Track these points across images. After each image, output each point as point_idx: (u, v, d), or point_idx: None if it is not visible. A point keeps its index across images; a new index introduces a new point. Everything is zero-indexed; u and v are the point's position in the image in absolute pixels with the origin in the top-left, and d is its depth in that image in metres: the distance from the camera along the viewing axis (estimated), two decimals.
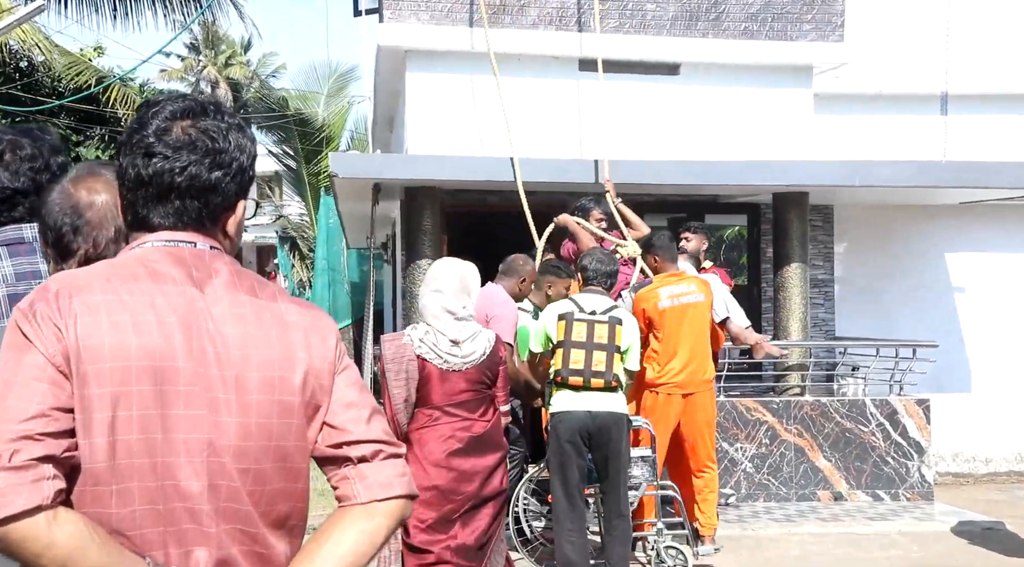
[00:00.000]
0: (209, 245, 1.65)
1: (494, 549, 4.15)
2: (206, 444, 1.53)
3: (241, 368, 1.57)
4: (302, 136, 21.65)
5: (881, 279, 10.58)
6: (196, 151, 1.61)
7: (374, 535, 1.61)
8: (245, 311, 1.61)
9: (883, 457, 8.30)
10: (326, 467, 1.68)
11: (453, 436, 4.08)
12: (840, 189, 9.03)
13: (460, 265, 4.30)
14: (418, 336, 4.13)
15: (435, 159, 8.22)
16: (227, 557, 1.54)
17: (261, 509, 1.58)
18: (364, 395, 1.70)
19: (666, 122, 9.22)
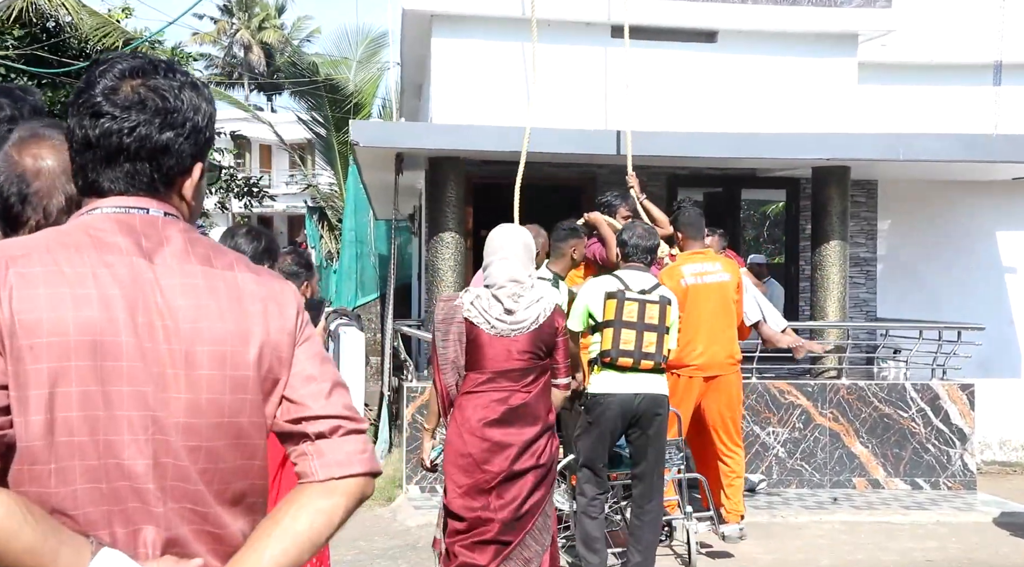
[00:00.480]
0: (163, 211, 1.59)
1: (536, 524, 4.14)
2: (150, 421, 1.49)
3: (191, 342, 1.52)
4: (332, 103, 21.63)
5: (926, 258, 10.37)
6: (145, 110, 1.56)
7: (331, 514, 1.57)
8: (197, 282, 1.56)
9: (923, 444, 8.17)
10: (286, 443, 1.64)
11: (489, 406, 4.11)
12: (884, 163, 8.83)
13: (522, 232, 4.35)
14: (469, 299, 4.20)
15: (458, 128, 8.15)
16: (176, 536, 1.51)
17: (215, 488, 1.54)
18: (326, 368, 1.65)
19: (702, 92, 9.06)
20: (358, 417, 1.65)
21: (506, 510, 4.07)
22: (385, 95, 23.16)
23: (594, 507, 5.33)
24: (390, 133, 8.56)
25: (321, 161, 25.85)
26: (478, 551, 4.09)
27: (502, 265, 4.20)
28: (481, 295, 4.20)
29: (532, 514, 4.12)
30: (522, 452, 4.10)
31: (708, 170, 9.59)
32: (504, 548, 4.08)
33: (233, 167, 26.76)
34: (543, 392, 4.21)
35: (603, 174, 9.34)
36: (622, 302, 5.34)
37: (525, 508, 4.10)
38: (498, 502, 4.08)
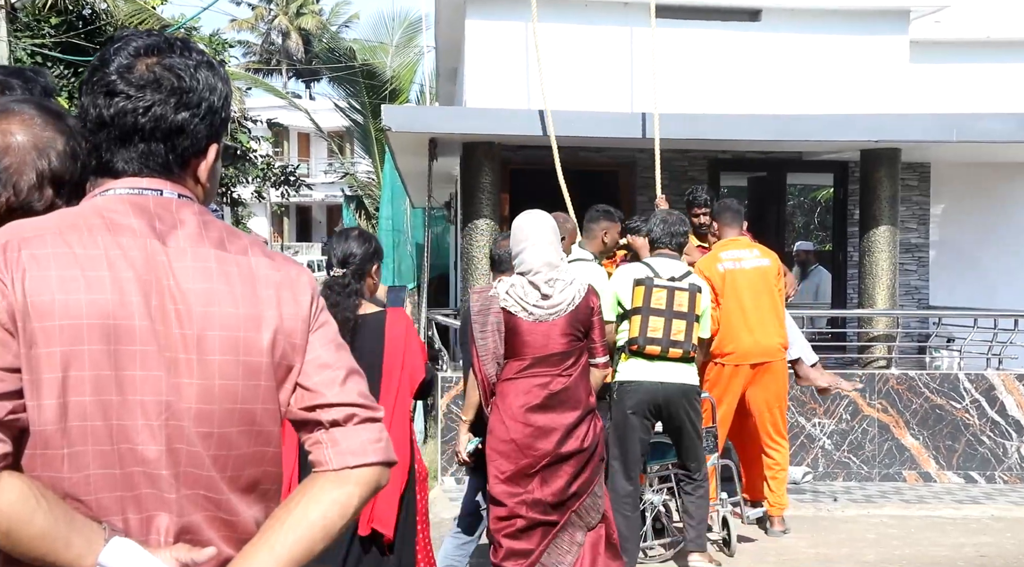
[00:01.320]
0: (177, 193, 1.61)
1: (585, 505, 4.23)
2: (164, 406, 1.51)
3: (203, 327, 1.54)
4: (369, 89, 21.75)
5: (982, 243, 10.20)
6: (161, 90, 1.57)
7: (345, 504, 1.58)
8: (210, 265, 1.57)
9: (977, 436, 8.05)
10: (300, 431, 1.65)
11: (531, 391, 4.22)
12: (936, 145, 8.70)
13: (547, 216, 4.43)
14: (504, 289, 4.30)
15: (492, 112, 8.16)
16: (189, 523, 1.53)
17: (228, 474, 1.56)
18: (341, 355, 1.66)
19: (745, 73, 8.98)
20: (374, 405, 1.65)
21: (551, 494, 4.17)
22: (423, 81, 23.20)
23: (626, 504, 5.30)
24: (423, 118, 8.59)
25: (359, 149, 25.99)
26: (524, 538, 4.19)
27: (535, 251, 4.28)
28: (516, 283, 4.29)
29: (578, 496, 4.21)
30: (566, 436, 4.20)
31: (752, 154, 9.51)
32: (551, 529, 4.19)
33: (270, 156, 26.99)
34: (583, 375, 4.29)
35: (642, 159, 9.29)
36: (650, 289, 5.35)
37: (570, 491, 4.19)
38: (543, 486, 4.18)
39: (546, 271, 4.27)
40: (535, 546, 4.19)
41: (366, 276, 3.93)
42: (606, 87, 8.70)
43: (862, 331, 9.05)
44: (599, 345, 4.37)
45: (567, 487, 4.19)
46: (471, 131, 8.10)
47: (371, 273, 3.96)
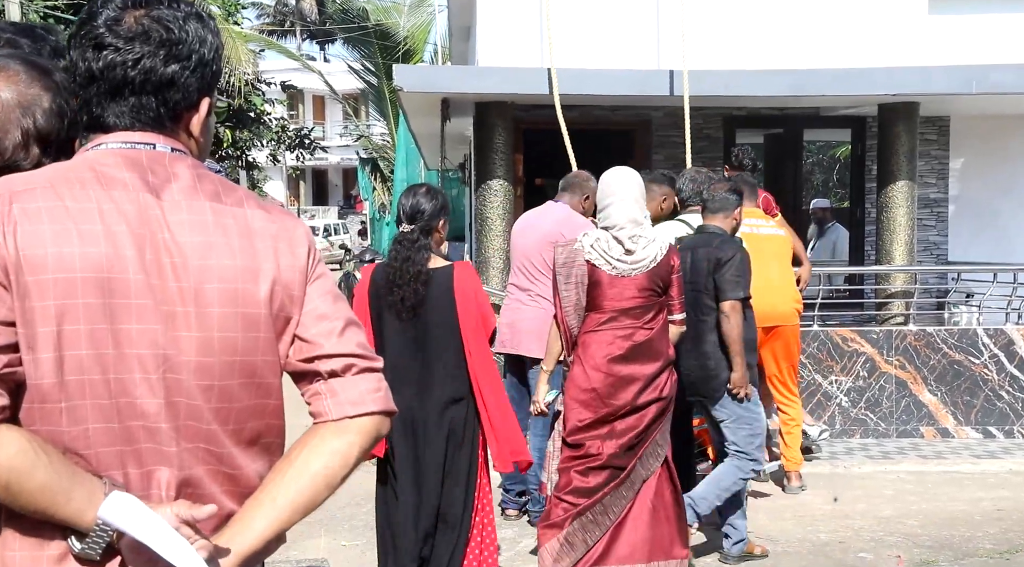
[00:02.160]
0: (170, 147, 1.60)
1: (647, 451, 4.39)
2: (162, 360, 1.51)
3: (200, 279, 1.54)
4: (383, 50, 21.65)
5: (1002, 198, 10.08)
6: (150, 42, 1.56)
7: (346, 454, 1.59)
8: (205, 218, 1.57)
9: (996, 391, 8.01)
10: (299, 383, 1.66)
11: (614, 342, 4.37)
12: (955, 98, 8.58)
13: (636, 175, 4.58)
14: (589, 242, 4.43)
15: (505, 71, 8.10)
16: (190, 477, 1.54)
17: (230, 427, 1.57)
18: (338, 305, 1.66)
19: (759, 26, 8.86)
20: (372, 355, 1.66)
21: (624, 438, 4.35)
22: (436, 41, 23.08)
23: None
24: (435, 77, 8.54)
25: (374, 111, 25.92)
26: (592, 475, 4.36)
27: (621, 207, 4.42)
28: (600, 237, 4.44)
29: (644, 442, 4.38)
30: (646, 386, 4.36)
31: (767, 110, 9.40)
32: (619, 472, 4.35)
33: (285, 119, 26.95)
34: (664, 328, 4.45)
35: (658, 117, 9.22)
36: None
37: (640, 436, 4.37)
38: (620, 430, 4.36)
39: (630, 228, 4.40)
40: (599, 486, 4.36)
41: (434, 231, 4.08)
42: (620, 44, 8.60)
43: (880, 288, 8.99)
44: (677, 302, 4.50)
45: (640, 433, 4.36)
46: (484, 90, 8.04)
47: (438, 228, 4.11)
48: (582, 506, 4.36)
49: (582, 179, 5.91)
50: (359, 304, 4.16)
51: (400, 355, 4.02)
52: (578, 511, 4.36)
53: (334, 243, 35.06)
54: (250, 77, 17.44)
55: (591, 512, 4.36)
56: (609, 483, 4.36)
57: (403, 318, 4.03)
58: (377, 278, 4.12)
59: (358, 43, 22.66)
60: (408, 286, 3.99)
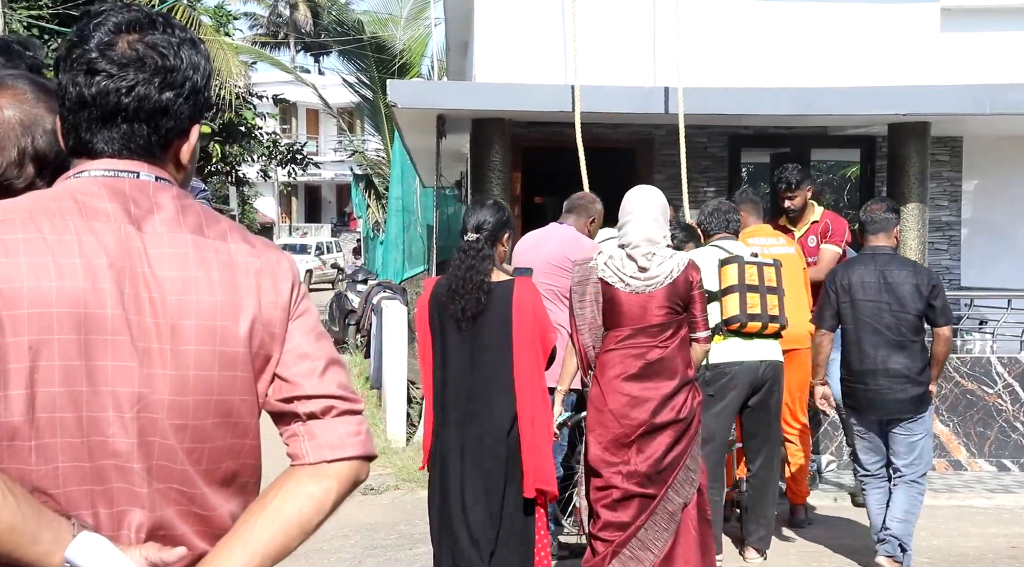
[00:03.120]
0: (155, 176, 1.61)
1: (679, 477, 4.46)
2: (136, 398, 1.51)
3: (177, 315, 1.54)
4: (379, 64, 21.74)
5: (1017, 221, 10.10)
6: (144, 69, 1.57)
7: (322, 499, 1.59)
8: (186, 252, 1.57)
9: (1011, 422, 8.00)
10: (278, 423, 1.65)
11: (628, 361, 4.48)
12: (968, 118, 8.62)
13: (658, 194, 4.72)
14: (603, 260, 4.59)
15: (502, 87, 8.14)
16: (162, 518, 1.53)
17: (203, 467, 1.57)
18: (321, 344, 1.67)
19: (766, 44, 8.90)
20: (354, 397, 1.66)
21: (646, 463, 4.41)
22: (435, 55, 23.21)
23: (715, 492, 5.33)
24: (430, 93, 8.57)
25: (369, 126, 26.01)
26: (621, 509, 4.44)
27: (638, 225, 4.55)
28: (614, 255, 4.58)
29: (673, 468, 4.44)
30: (661, 406, 4.44)
31: (774, 129, 9.44)
32: (649, 502, 4.41)
33: (277, 133, 27.03)
34: (680, 347, 4.53)
35: (660, 136, 9.26)
36: (742, 266, 5.50)
37: (665, 462, 4.43)
38: (639, 456, 4.43)
39: (645, 246, 4.52)
40: (632, 519, 4.41)
41: (497, 243, 4.25)
42: (620, 60, 8.64)
43: None
44: (700, 319, 4.59)
45: (662, 458, 4.42)
46: (481, 107, 8.08)
47: (502, 240, 4.29)
48: (617, 542, 4.41)
49: (588, 201, 5.97)
50: (420, 316, 4.33)
51: (457, 369, 4.19)
52: (615, 548, 4.41)
53: (327, 262, 35.09)
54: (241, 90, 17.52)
55: (629, 548, 4.40)
56: (640, 514, 4.41)
57: (462, 329, 4.16)
58: (439, 290, 4.25)
59: (353, 56, 22.74)
60: (470, 295, 4.11)
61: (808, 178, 7.00)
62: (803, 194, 6.91)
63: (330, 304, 17.37)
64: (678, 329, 4.53)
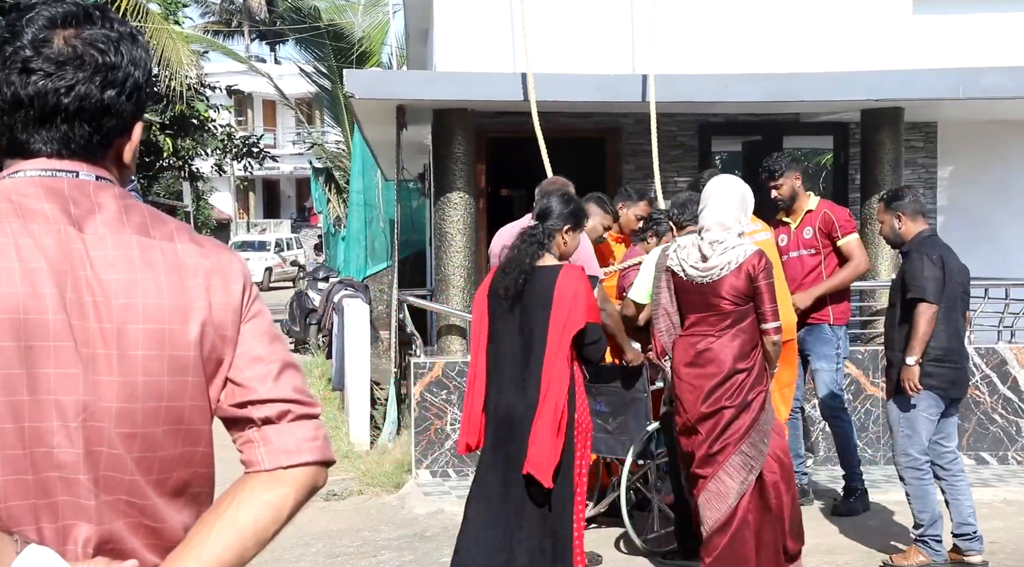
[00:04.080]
0: (95, 175, 1.60)
1: (734, 462, 4.73)
2: (81, 406, 1.51)
3: (123, 320, 1.53)
4: (337, 52, 21.64)
5: (993, 208, 10.24)
6: (84, 67, 1.56)
7: (278, 507, 1.59)
8: (132, 253, 1.56)
9: (988, 414, 8.12)
10: (231, 429, 1.65)
11: (688, 349, 4.83)
12: (942, 103, 8.72)
13: (738, 181, 5.01)
14: (673, 248, 4.94)
15: (464, 76, 8.14)
16: (111, 532, 1.53)
17: (153, 477, 1.56)
18: (275, 347, 1.67)
19: (736, 29, 8.96)
20: (310, 401, 1.66)
21: (702, 448, 4.76)
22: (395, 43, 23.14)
23: None
24: (389, 83, 8.55)
25: (328, 117, 25.89)
26: (691, 485, 4.91)
27: (713, 209, 4.83)
28: (683, 244, 4.90)
29: (725, 451, 4.73)
30: (709, 394, 4.74)
31: (745, 117, 9.51)
32: (705, 482, 4.77)
33: (232, 126, 26.85)
34: (734, 337, 4.76)
35: (628, 125, 9.29)
36: None
37: (715, 447, 4.73)
38: (697, 439, 4.80)
39: (716, 230, 4.77)
40: (697, 495, 4.83)
41: (556, 233, 4.61)
42: (588, 47, 8.67)
43: (864, 305, 9.09)
44: (767, 311, 4.77)
45: (714, 441, 4.73)
46: (442, 97, 8.07)
47: (562, 232, 4.64)
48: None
49: (559, 185, 5.93)
50: (479, 297, 4.75)
51: (503, 350, 4.54)
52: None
53: (287, 259, 34.92)
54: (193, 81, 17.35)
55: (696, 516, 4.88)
56: (699, 492, 4.80)
57: (507, 308, 4.52)
58: (496, 270, 4.67)
59: (310, 44, 22.62)
60: (511, 276, 4.50)
61: (793, 165, 6.95)
62: (789, 182, 6.84)
63: (290, 303, 17.30)
64: (738, 320, 4.76)
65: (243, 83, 25.37)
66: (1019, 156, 10.31)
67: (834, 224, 6.92)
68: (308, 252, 35.37)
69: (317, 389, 11.50)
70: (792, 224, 6.98)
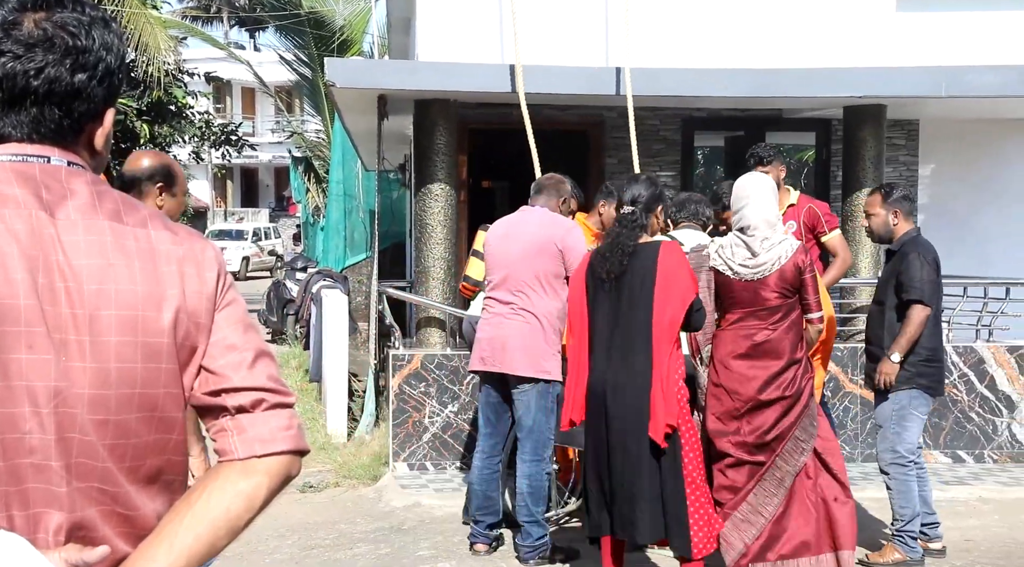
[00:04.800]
0: (67, 161, 1.60)
1: (788, 447, 5.00)
2: (53, 392, 1.51)
3: (95, 306, 1.53)
4: (318, 40, 21.57)
5: (975, 207, 10.31)
6: (54, 50, 1.56)
7: (252, 496, 1.58)
8: (104, 239, 1.57)
9: (966, 413, 8.19)
10: (204, 418, 1.66)
11: (737, 342, 5.04)
12: (925, 101, 8.77)
13: (767, 178, 5.29)
14: (714, 249, 5.14)
15: (447, 66, 8.13)
16: (83, 519, 1.53)
17: (126, 464, 1.56)
18: (249, 335, 1.67)
19: (720, 24, 8.99)
20: (284, 390, 1.66)
21: (753, 435, 4.98)
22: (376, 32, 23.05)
23: None
24: (370, 72, 8.53)
25: (308, 106, 25.79)
26: (732, 474, 5.03)
27: (756, 208, 5.03)
28: (725, 244, 5.10)
29: (780, 439, 4.99)
30: (767, 384, 4.97)
31: (728, 112, 9.53)
32: (758, 469, 5.00)
33: (210, 113, 26.71)
34: (789, 329, 5.01)
35: (611, 118, 9.30)
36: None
37: (772, 434, 4.98)
38: (747, 427, 5.00)
39: (764, 228, 4.99)
40: (742, 484, 5.00)
41: (651, 214, 4.90)
42: (570, 39, 8.68)
43: (844, 302, 9.15)
44: (812, 302, 5.02)
45: (768, 430, 4.97)
46: (424, 87, 8.06)
47: (656, 213, 4.94)
48: (729, 504, 4.99)
49: (557, 181, 5.99)
50: (576, 279, 4.99)
51: (603, 325, 4.77)
52: (726, 511, 4.98)
53: (264, 249, 34.81)
54: (171, 67, 17.24)
55: (740, 512, 4.99)
56: (750, 480, 4.99)
57: (607, 289, 4.76)
58: (595, 255, 4.91)
59: (291, 32, 22.51)
60: (615, 258, 4.72)
61: (779, 156, 6.96)
62: (775, 172, 6.83)
63: (268, 293, 17.25)
64: (788, 312, 5.00)
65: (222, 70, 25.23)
66: (1000, 155, 10.38)
67: (819, 218, 6.96)
68: (286, 242, 35.29)
69: (294, 380, 11.49)
70: None
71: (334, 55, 19.29)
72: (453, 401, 7.75)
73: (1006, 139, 10.34)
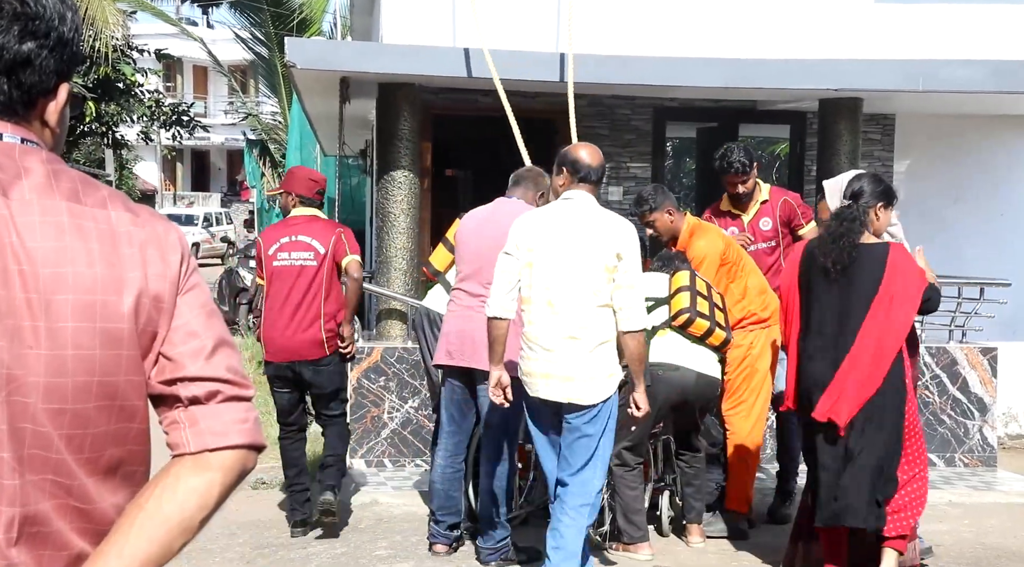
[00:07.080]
0: (20, 137, 1.58)
1: None
2: (6, 380, 1.49)
3: (51, 290, 1.51)
4: (275, 18, 21.41)
5: (950, 204, 10.44)
6: (2, 15, 1.53)
7: (205, 494, 1.57)
8: (61, 220, 1.54)
9: (937, 415, 8.28)
10: (158, 408, 1.63)
11: None
12: (901, 94, 8.86)
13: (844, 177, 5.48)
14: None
15: (412, 50, 8.11)
16: (34, 514, 1.50)
17: (84, 456, 1.54)
18: (211, 322, 1.65)
19: (694, 12, 9.03)
20: (243, 381, 1.65)
21: None
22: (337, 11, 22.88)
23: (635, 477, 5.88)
24: (333, 54, 8.49)
25: (264, 87, 25.61)
26: None
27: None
28: None
29: None
30: None
31: (701, 102, 9.57)
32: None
33: (160, 92, 26.44)
34: None
35: (580, 106, 9.29)
36: (694, 276, 5.87)
37: None
38: None
39: None
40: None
41: (871, 210, 5.05)
42: (537, 23, 8.67)
43: None
44: None
45: None
46: (388, 70, 8.03)
47: (876, 209, 5.06)
48: None
49: (536, 173, 6.00)
50: (789, 272, 5.21)
51: (824, 321, 4.97)
52: None
53: (216, 235, 34.53)
54: (119, 42, 17.03)
55: None
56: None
57: (832, 281, 4.94)
58: (811, 247, 5.12)
59: (246, 9, 22.33)
60: (840, 250, 4.90)
61: (755, 157, 6.94)
62: (755, 176, 6.88)
63: (219, 281, 17.11)
64: None
65: (173, 47, 24.99)
66: (976, 151, 10.51)
67: (795, 210, 7.03)
68: (239, 228, 35.01)
69: (247, 372, 11.36)
70: (746, 217, 6.98)
71: (292, 34, 19.15)
72: (414, 396, 7.73)
73: (982, 135, 10.46)
